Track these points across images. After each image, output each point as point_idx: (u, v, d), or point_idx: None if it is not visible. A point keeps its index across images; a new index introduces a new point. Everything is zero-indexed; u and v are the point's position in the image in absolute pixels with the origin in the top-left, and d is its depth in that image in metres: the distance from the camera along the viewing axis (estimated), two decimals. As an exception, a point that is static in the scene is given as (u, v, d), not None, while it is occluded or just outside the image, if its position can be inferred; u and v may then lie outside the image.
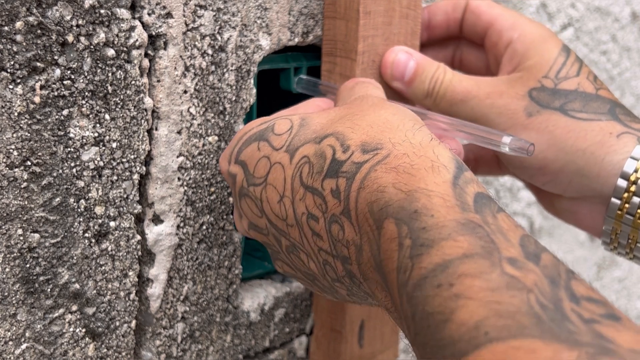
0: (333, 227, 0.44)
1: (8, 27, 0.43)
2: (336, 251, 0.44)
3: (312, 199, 0.45)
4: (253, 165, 0.49)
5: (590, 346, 0.30)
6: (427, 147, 0.42)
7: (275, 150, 0.48)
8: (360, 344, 0.63)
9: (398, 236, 0.39)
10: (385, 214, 0.40)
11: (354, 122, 0.45)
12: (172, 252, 0.54)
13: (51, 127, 0.46)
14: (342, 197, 0.43)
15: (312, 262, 0.47)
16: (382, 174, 0.41)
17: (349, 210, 0.42)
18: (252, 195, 0.49)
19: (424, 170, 0.40)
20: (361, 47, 0.57)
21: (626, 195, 0.55)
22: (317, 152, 0.45)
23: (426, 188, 0.39)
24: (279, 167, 0.47)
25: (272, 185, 0.47)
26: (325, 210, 0.44)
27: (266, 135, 0.49)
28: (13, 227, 0.45)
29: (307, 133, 0.47)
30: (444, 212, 0.38)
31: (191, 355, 0.56)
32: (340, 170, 0.43)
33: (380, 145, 0.43)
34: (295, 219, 0.46)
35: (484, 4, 0.62)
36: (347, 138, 0.44)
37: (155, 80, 0.50)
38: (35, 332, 0.47)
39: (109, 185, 0.49)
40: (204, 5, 0.52)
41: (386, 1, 0.58)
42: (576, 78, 0.58)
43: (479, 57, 0.64)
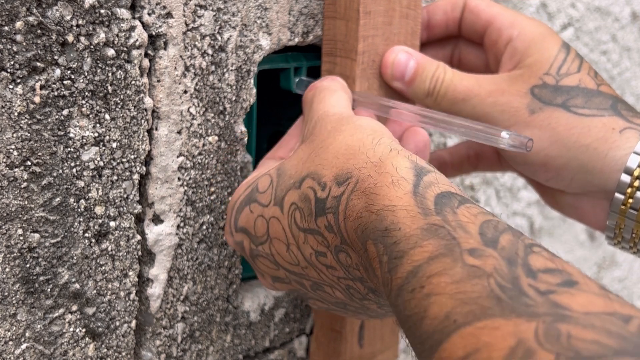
0: (341, 256, 0.46)
1: (8, 27, 0.43)
2: (351, 275, 0.47)
3: (314, 238, 0.47)
4: (252, 227, 0.51)
5: (547, 315, 0.33)
6: (386, 161, 0.44)
7: (266, 207, 0.50)
8: (360, 344, 0.63)
9: (377, 255, 0.42)
10: (366, 237, 0.43)
11: (321, 157, 0.48)
12: (172, 252, 0.54)
13: (51, 127, 0.46)
14: (335, 230, 0.45)
15: (337, 291, 0.50)
16: (356, 202, 0.44)
17: (345, 239, 0.45)
18: (263, 253, 0.51)
19: (385, 187, 0.43)
20: (361, 47, 0.57)
21: (630, 190, 0.55)
22: (301, 196, 0.48)
23: (390, 204, 0.42)
24: (275, 221, 0.50)
25: (276, 239, 0.50)
26: (328, 245, 0.46)
27: (253, 196, 0.52)
28: (13, 227, 0.45)
29: (286, 181, 0.49)
30: (409, 223, 0.40)
31: (191, 355, 0.56)
32: (326, 208, 0.46)
33: (349, 174, 0.45)
34: (306, 260, 0.49)
35: (482, 3, 0.62)
36: (321, 176, 0.47)
37: (156, 80, 0.50)
38: (35, 332, 0.47)
39: (109, 185, 0.49)
40: (204, 5, 0.52)
41: (386, 1, 0.57)
42: (577, 74, 0.58)
43: (478, 55, 0.64)
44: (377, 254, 0.42)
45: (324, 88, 0.54)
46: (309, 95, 0.55)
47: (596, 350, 0.31)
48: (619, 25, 0.95)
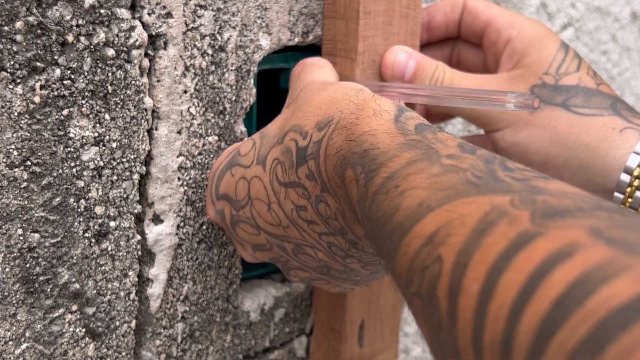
0: (320, 207, 0.46)
1: (8, 27, 0.43)
2: (332, 228, 0.47)
3: (294, 192, 0.47)
4: (233, 191, 0.51)
5: (522, 191, 0.33)
6: (370, 100, 0.45)
7: (247, 167, 0.50)
8: (360, 344, 0.63)
9: (354, 177, 0.42)
10: (344, 166, 0.43)
11: (304, 111, 0.48)
12: (172, 252, 0.54)
13: (51, 127, 0.46)
14: (316, 174, 0.45)
15: (319, 251, 0.49)
16: (336, 138, 0.44)
17: (325, 183, 0.45)
18: (244, 218, 0.51)
19: (367, 117, 0.43)
20: (361, 47, 0.57)
21: (629, 189, 0.55)
22: (283, 149, 0.48)
23: (370, 129, 0.42)
24: (256, 181, 0.50)
25: (257, 199, 0.50)
26: (309, 197, 0.46)
27: (235, 160, 0.52)
28: (13, 227, 0.45)
29: (269, 140, 0.50)
30: (389, 142, 0.41)
31: (191, 355, 0.56)
32: (307, 155, 0.46)
33: (330, 117, 0.46)
34: (287, 218, 0.49)
35: (481, 4, 0.62)
36: (302, 126, 0.47)
37: (155, 80, 0.50)
38: (35, 332, 0.47)
39: (109, 185, 0.49)
40: (204, 5, 0.52)
41: (386, 1, 0.58)
42: (577, 73, 0.58)
43: (476, 56, 0.64)
44: (354, 176, 0.42)
45: (313, 64, 0.55)
46: (297, 70, 0.55)
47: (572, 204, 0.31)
48: (618, 25, 0.95)
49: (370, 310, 0.63)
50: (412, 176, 0.37)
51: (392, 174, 0.39)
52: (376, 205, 0.39)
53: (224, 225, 0.54)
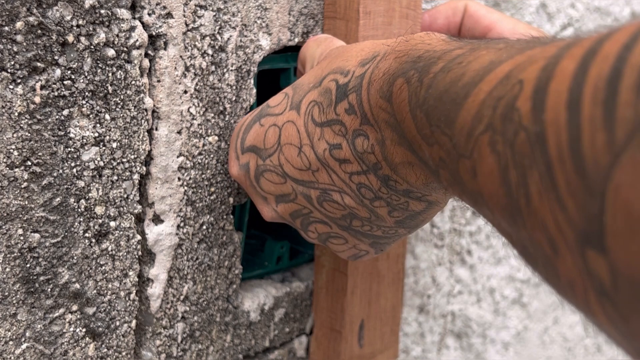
0: (357, 141, 0.46)
1: (8, 27, 0.43)
2: (365, 164, 0.46)
3: (330, 130, 0.47)
4: (262, 140, 0.51)
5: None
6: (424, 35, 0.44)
7: (280, 115, 0.50)
8: (360, 344, 0.63)
9: (406, 80, 0.40)
10: (393, 80, 0.42)
11: (344, 56, 0.48)
12: (172, 252, 0.54)
13: (51, 127, 0.46)
14: (357, 108, 0.45)
15: (346, 195, 0.49)
16: (383, 63, 0.43)
17: (365, 113, 0.44)
18: (270, 167, 0.51)
19: (418, 37, 0.43)
20: (361, 47, 0.57)
21: None
22: (321, 91, 0.48)
23: (423, 41, 0.42)
24: (289, 125, 0.49)
25: (288, 144, 0.49)
26: (346, 132, 0.46)
27: (264, 112, 0.51)
28: (13, 227, 0.45)
29: (304, 87, 0.49)
30: (446, 45, 0.40)
31: (191, 355, 0.57)
32: (348, 90, 0.46)
33: (377, 52, 0.45)
34: (318, 160, 0.48)
35: (482, 9, 0.62)
36: (344, 67, 0.47)
37: (156, 80, 0.50)
38: (36, 332, 0.47)
39: (109, 185, 0.49)
40: (204, 5, 0.52)
41: (386, 1, 0.58)
42: None
43: None
44: (405, 80, 0.41)
45: (327, 36, 0.56)
46: (311, 44, 0.56)
47: None
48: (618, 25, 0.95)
49: (370, 310, 0.63)
50: (476, 51, 0.36)
51: (455, 57, 0.38)
52: (435, 85, 0.38)
53: (246, 182, 0.53)
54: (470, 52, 0.37)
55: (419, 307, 0.78)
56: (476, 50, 0.37)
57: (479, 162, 0.33)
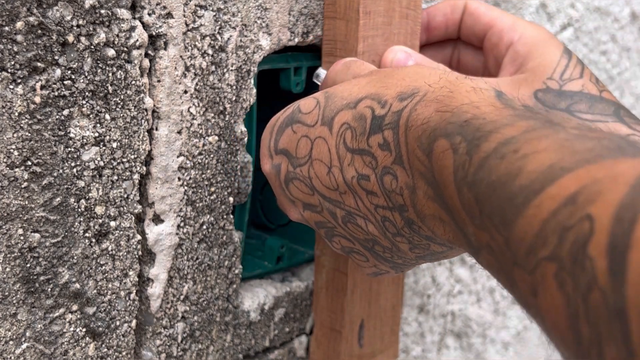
0: (385, 179, 0.45)
1: (9, 27, 0.43)
2: (392, 202, 0.45)
3: (361, 159, 0.46)
4: (294, 148, 0.50)
5: None
6: (464, 79, 0.43)
7: (312, 126, 0.49)
8: (360, 344, 0.63)
9: (451, 146, 0.39)
10: (434, 137, 0.40)
11: (384, 81, 0.46)
12: (173, 251, 0.54)
13: (52, 127, 0.46)
14: (392, 146, 0.44)
15: (370, 223, 0.48)
16: (423, 109, 0.42)
17: (401, 155, 0.43)
18: (300, 176, 0.50)
19: (465, 92, 0.41)
20: (361, 47, 0.57)
21: None
22: (356, 115, 0.47)
23: (471, 102, 0.40)
24: (321, 141, 0.49)
25: (319, 160, 0.49)
26: (376, 166, 0.45)
27: (296, 117, 0.51)
28: (14, 226, 0.45)
29: (337, 102, 0.48)
30: (496, 113, 0.38)
31: (191, 354, 0.57)
32: (384, 124, 0.45)
33: (416, 89, 0.44)
34: (346, 184, 0.48)
35: (482, 6, 0.62)
36: (382, 95, 0.46)
37: (156, 80, 0.51)
38: (36, 331, 0.47)
39: (109, 185, 0.49)
40: (204, 5, 0.52)
41: (386, 1, 0.58)
42: (580, 80, 0.58)
43: (477, 58, 0.64)
44: (449, 145, 0.39)
45: (356, 60, 0.54)
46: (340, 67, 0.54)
47: None
48: (618, 25, 0.95)
49: (370, 310, 0.63)
50: (535, 141, 0.34)
51: (508, 140, 0.36)
52: (488, 170, 0.36)
53: (276, 182, 0.52)
54: (524, 136, 0.35)
55: (419, 307, 0.78)
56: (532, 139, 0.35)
57: (542, 288, 0.31)
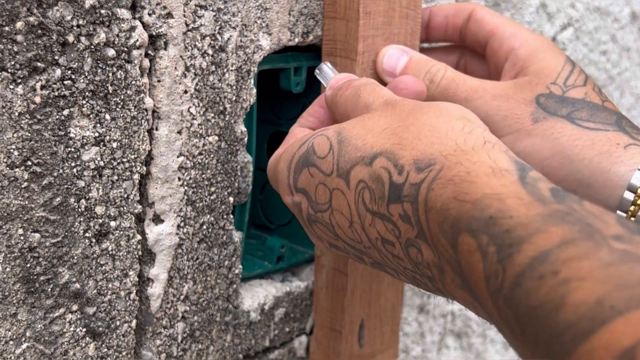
0: (411, 251, 0.43)
1: (9, 27, 0.43)
2: (420, 272, 0.43)
3: (383, 224, 0.44)
4: (313, 192, 0.48)
5: None
6: (481, 151, 0.40)
7: (328, 175, 0.47)
8: (360, 344, 0.63)
9: (479, 247, 0.36)
10: (457, 230, 0.38)
11: (399, 136, 0.44)
12: (173, 251, 0.54)
13: (52, 127, 0.46)
14: (414, 221, 0.41)
15: (401, 275, 0.46)
16: (440, 191, 0.39)
17: (424, 233, 0.41)
18: (322, 221, 0.48)
19: (484, 176, 0.38)
20: (361, 47, 0.57)
21: (632, 208, 0.53)
22: (373, 175, 0.44)
23: (493, 192, 0.37)
24: (339, 194, 0.46)
25: (339, 211, 0.46)
26: (399, 235, 0.43)
27: (311, 159, 0.48)
28: (14, 226, 0.45)
29: (351, 152, 0.46)
30: (524, 211, 0.35)
31: (191, 354, 0.57)
32: (403, 195, 0.42)
33: (432, 159, 0.41)
34: (370, 242, 0.46)
35: (488, 14, 0.61)
36: (398, 157, 0.43)
37: (156, 80, 0.51)
38: (36, 331, 0.47)
39: (109, 185, 0.49)
40: (204, 5, 0.52)
41: (386, 1, 0.58)
42: (583, 87, 0.57)
43: (482, 66, 0.63)
44: (477, 246, 0.36)
45: (367, 82, 0.51)
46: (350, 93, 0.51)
47: None
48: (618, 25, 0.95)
49: (370, 310, 0.63)
50: (576, 262, 0.32)
51: (544, 255, 0.33)
52: (525, 291, 0.33)
53: (299, 216, 0.51)
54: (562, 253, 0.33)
55: (419, 307, 0.78)
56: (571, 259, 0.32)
57: None
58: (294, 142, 0.51)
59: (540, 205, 0.35)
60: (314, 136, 0.49)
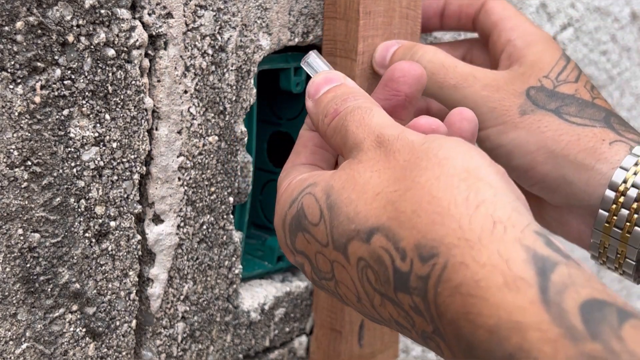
0: (429, 343, 0.38)
1: (8, 27, 0.43)
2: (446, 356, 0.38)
3: (394, 308, 0.39)
4: (314, 259, 0.44)
5: None
6: (490, 245, 0.33)
7: (324, 246, 0.42)
8: (360, 344, 0.63)
9: None
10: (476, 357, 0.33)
11: (395, 207, 0.38)
12: (173, 251, 0.54)
13: (51, 127, 0.46)
14: (428, 319, 0.36)
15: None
16: (448, 299, 0.34)
17: (441, 334, 0.36)
18: (328, 288, 0.44)
19: (495, 289, 0.32)
20: (361, 47, 0.57)
21: (614, 207, 0.52)
22: (373, 255, 0.39)
23: (511, 320, 0.31)
24: (339, 267, 0.42)
25: (344, 284, 0.42)
26: (413, 325, 0.38)
27: (303, 224, 0.43)
28: (13, 226, 0.45)
29: (344, 222, 0.40)
30: (551, 352, 0.29)
31: (191, 354, 0.57)
32: (410, 286, 0.37)
33: (434, 248, 0.35)
34: (383, 319, 0.41)
35: (499, 5, 0.60)
36: (397, 237, 0.37)
37: (156, 80, 0.50)
38: (36, 331, 0.47)
39: (109, 185, 0.49)
40: (204, 5, 0.52)
41: (386, 1, 0.58)
42: (575, 84, 0.56)
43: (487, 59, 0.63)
44: None
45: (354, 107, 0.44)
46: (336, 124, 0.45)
47: None
48: (618, 25, 0.95)
49: (370, 310, 0.63)
50: None
51: None
52: None
53: (303, 272, 0.47)
54: None
55: (419, 307, 0.78)
56: None
57: None
58: (284, 192, 0.46)
59: (570, 344, 0.29)
60: (304, 194, 0.43)
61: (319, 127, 0.46)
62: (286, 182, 0.47)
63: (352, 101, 0.45)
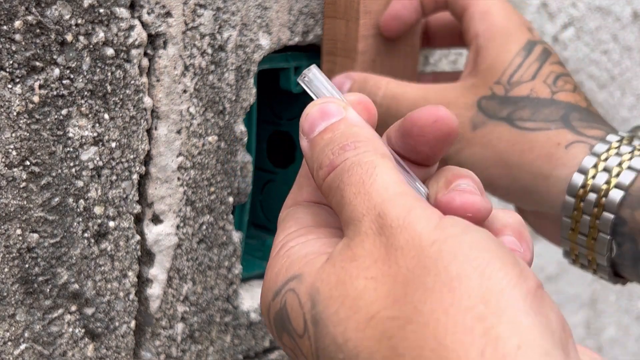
0: None
1: (7, 26, 0.43)
2: None
3: None
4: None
5: None
6: None
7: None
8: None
9: None
10: None
11: (391, 345, 0.30)
12: (172, 252, 0.54)
13: (50, 126, 0.46)
14: None
15: None
16: None
17: None
18: None
19: None
20: (361, 46, 0.57)
21: (575, 213, 0.49)
22: None
23: None
24: None
25: None
26: None
27: (287, 327, 0.36)
28: (12, 227, 0.45)
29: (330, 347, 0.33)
30: None
31: (191, 355, 0.56)
32: None
33: None
34: None
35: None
36: None
37: (155, 80, 0.50)
38: (34, 332, 0.47)
39: (108, 185, 0.49)
40: (203, 4, 0.52)
41: (386, 1, 0.57)
42: (530, 83, 0.52)
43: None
44: None
45: (352, 163, 0.35)
46: (331, 180, 0.36)
47: None
48: (619, 24, 0.95)
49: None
50: None
51: None
52: None
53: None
54: None
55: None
56: None
57: None
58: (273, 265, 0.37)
59: None
60: (287, 288, 0.36)
61: (314, 178, 0.38)
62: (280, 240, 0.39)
63: (352, 151, 0.36)
